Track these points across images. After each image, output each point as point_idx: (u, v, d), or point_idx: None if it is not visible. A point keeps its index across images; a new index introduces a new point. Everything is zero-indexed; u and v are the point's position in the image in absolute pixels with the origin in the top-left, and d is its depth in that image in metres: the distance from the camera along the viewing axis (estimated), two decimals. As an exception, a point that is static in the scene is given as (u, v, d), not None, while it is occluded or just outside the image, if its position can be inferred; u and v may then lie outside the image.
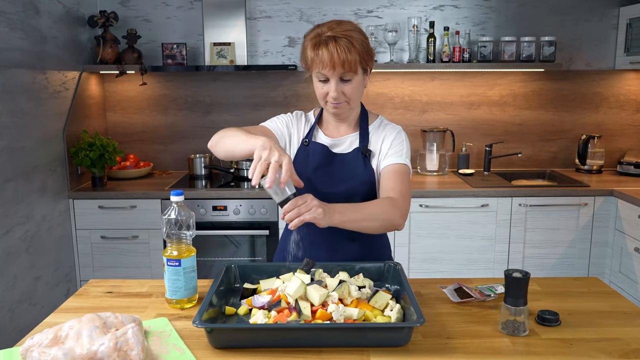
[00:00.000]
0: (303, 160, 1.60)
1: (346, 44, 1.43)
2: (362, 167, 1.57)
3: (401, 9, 3.36)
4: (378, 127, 1.62)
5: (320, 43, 1.45)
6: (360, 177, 1.57)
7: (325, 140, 1.62)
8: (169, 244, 1.39)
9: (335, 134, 1.63)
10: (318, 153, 1.59)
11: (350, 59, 1.43)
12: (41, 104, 2.72)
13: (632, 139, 3.51)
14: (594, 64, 3.43)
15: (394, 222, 1.45)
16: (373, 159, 1.59)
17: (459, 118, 3.49)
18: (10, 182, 2.45)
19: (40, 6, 2.69)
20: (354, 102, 1.54)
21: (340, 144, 1.61)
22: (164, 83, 3.46)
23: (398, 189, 1.49)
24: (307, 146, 1.61)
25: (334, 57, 1.42)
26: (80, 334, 1.10)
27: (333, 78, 1.47)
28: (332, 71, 1.45)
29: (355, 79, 1.49)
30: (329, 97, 1.50)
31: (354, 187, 1.56)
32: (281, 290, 1.29)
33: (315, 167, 1.58)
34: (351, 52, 1.43)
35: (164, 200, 2.95)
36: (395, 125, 1.64)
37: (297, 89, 3.44)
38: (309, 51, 1.47)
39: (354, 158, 1.58)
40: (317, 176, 1.57)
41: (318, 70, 1.47)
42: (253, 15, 3.37)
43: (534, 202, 2.95)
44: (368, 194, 1.58)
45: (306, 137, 1.62)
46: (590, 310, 1.38)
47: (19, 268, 2.51)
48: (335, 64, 1.43)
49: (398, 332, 1.17)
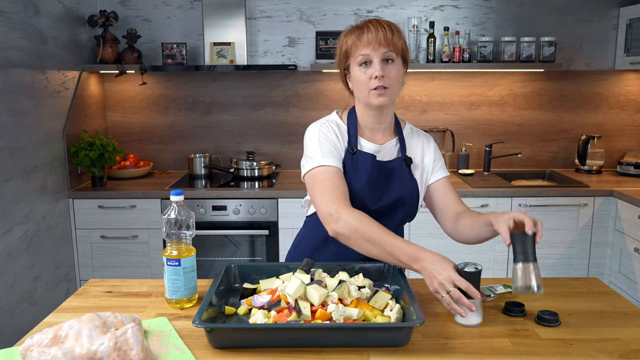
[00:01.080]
0: (351, 170, 1.49)
1: (389, 27, 1.43)
2: (408, 177, 1.54)
3: (401, 9, 3.36)
4: (410, 133, 1.59)
5: (364, 26, 1.44)
6: (407, 186, 1.53)
7: (370, 147, 1.52)
8: (169, 243, 1.38)
9: (375, 139, 1.54)
10: (367, 163, 1.50)
11: (394, 39, 1.42)
12: (41, 103, 2.72)
13: (632, 140, 3.51)
14: (594, 64, 3.43)
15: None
16: (416, 170, 1.56)
17: (458, 118, 3.49)
18: (10, 181, 2.45)
19: (40, 6, 2.69)
20: (395, 91, 1.47)
21: (382, 150, 1.54)
22: (163, 83, 3.46)
23: (459, 199, 1.57)
24: (354, 154, 1.50)
25: (379, 35, 1.41)
26: (80, 334, 1.10)
27: (376, 58, 1.42)
28: (376, 48, 1.41)
29: (397, 64, 1.45)
30: (372, 81, 1.42)
31: (402, 198, 1.53)
32: (281, 290, 1.29)
33: (366, 180, 1.49)
34: (394, 33, 1.43)
35: (164, 200, 2.95)
36: (426, 134, 1.63)
37: (297, 89, 3.44)
38: (349, 38, 1.45)
39: (399, 168, 1.53)
40: (369, 189, 1.49)
41: (360, 52, 1.43)
42: (253, 15, 3.37)
43: (534, 203, 2.95)
44: (413, 204, 1.55)
45: (351, 145, 1.51)
46: (590, 310, 1.38)
47: (18, 268, 2.51)
48: (380, 41, 1.41)
49: (398, 332, 1.17)
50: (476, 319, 1.27)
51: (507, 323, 1.31)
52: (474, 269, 1.25)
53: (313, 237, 1.61)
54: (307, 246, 1.64)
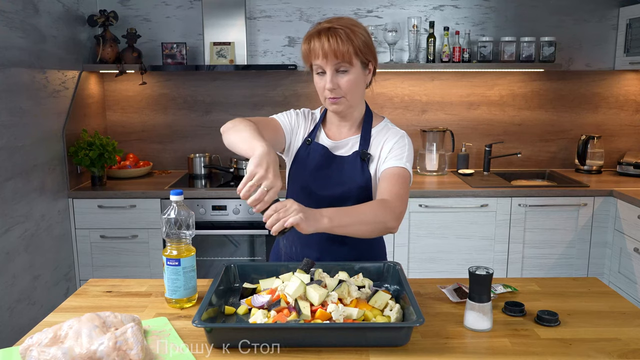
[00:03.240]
0: (303, 159, 1.59)
1: (341, 35, 1.42)
2: (359, 171, 1.55)
3: (401, 9, 3.36)
4: (381, 130, 1.59)
5: (315, 34, 1.45)
6: (356, 181, 1.55)
7: (327, 141, 1.61)
8: (169, 243, 1.38)
9: (337, 135, 1.61)
10: (318, 154, 1.58)
11: (343, 49, 1.42)
12: (40, 103, 2.72)
13: (632, 139, 3.51)
14: (594, 64, 3.43)
15: (387, 224, 1.39)
16: (372, 164, 1.56)
17: (458, 118, 3.49)
18: (9, 181, 2.45)
19: (39, 5, 2.68)
20: (352, 97, 1.51)
21: (342, 146, 1.60)
22: (163, 82, 3.46)
23: (394, 191, 1.45)
24: (309, 145, 1.60)
25: (325, 46, 1.42)
26: (80, 334, 1.10)
27: (328, 69, 1.46)
28: (325, 60, 1.44)
29: (352, 72, 1.46)
30: (326, 91, 1.48)
31: (349, 191, 1.54)
32: (281, 290, 1.29)
33: (313, 169, 1.57)
34: (344, 42, 1.42)
35: (164, 199, 2.95)
36: (399, 130, 1.60)
37: (297, 89, 3.44)
38: (304, 44, 1.48)
39: (352, 161, 1.57)
40: (315, 178, 1.57)
41: (313, 61, 1.47)
42: (253, 15, 3.37)
43: (534, 202, 2.95)
44: (363, 199, 1.54)
45: (309, 136, 1.62)
46: (589, 310, 1.38)
47: (18, 267, 2.50)
48: (327, 53, 1.42)
49: (397, 332, 1.17)
50: (486, 324, 1.27)
51: (506, 323, 1.31)
52: (486, 273, 1.25)
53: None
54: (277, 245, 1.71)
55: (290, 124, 1.63)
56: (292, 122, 1.63)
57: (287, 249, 1.62)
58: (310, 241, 1.57)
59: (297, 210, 1.25)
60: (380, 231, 1.43)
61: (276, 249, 1.73)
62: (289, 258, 1.64)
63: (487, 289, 1.25)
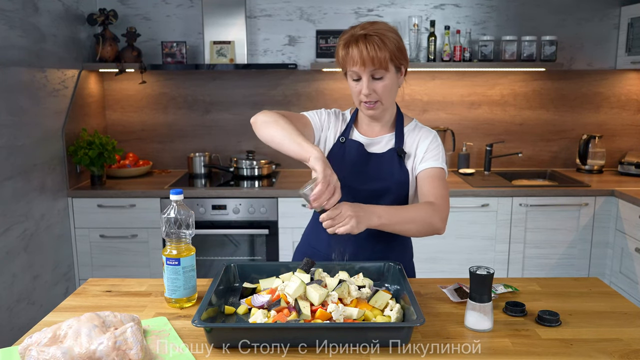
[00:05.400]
0: (339, 158, 1.61)
1: (377, 42, 1.45)
2: (397, 167, 1.58)
3: (402, 8, 3.36)
4: (413, 129, 1.64)
5: (351, 41, 1.48)
6: (395, 177, 1.58)
7: (361, 139, 1.63)
8: (168, 243, 1.38)
9: (370, 133, 1.64)
10: (354, 151, 1.61)
11: (380, 56, 1.45)
12: (40, 102, 2.71)
13: (633, 139, 3.50)
14: (595, 63, 3.42)
15: (435, 225, 1.46)
16: (408, 161, 1.60)
17: (459, 117, 3.49)
18: (9, 180, 2.44)
19: (39, 4, 2.68)
20: (387, 101, 1.55)
21: (376, 143, 1.62)
22: (163, 81, 3.46)
23: (438, 193, 1.51)
24: (344, 143, 1.62)
25: (364, 54, 1.45)
26: (79, 333, 1.09)
27: (364, 75, 1.49)
28: (362, 68, 1.47)
29: (387, 77, 1.50)
30: (362, 96, 1.52)
31: (388, 187, 1.58)
32: (281, 290, 1.28)
33: (351, 165, 1.59)
34: (381, 49, 1.45)
35: (164, 199, 2.94)
36: (430, 129, 1.65)
37: (297, 88, 3.43)
38: (340, 50, 1.51)
39: (389, 158, 1.59)
40: (353, 174, 1.59)
41: (350, 68, 1.50)
42: (253, 14, 3.37)
43: (535, 202, 2.95)
44: (401, 194, 1.59)
45: (342, 135, 1.64)
46: (590, 310, 1.37)
47: (17, 267, 2.50)
48: (365, 60, 1.46)
49: (398, 332, 1.17)
50: (487, 324, 1.26)
51: (507, 323, 1.30)
52: (486, 272, 1.24)
53: (312, 225, 1.75)
54: (308, 234, 1.75)
55: (320, 122, 1.65)
56: (322, 120, 1.65)
57: (328, 241, 1.61)
58: (349, 236, 1.57)
59: (351, 217, 1.33)
60: (427, 232, 1.49)
61: (304, 244, 1.76)
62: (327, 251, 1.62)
63: (487, 289, 1.25)
